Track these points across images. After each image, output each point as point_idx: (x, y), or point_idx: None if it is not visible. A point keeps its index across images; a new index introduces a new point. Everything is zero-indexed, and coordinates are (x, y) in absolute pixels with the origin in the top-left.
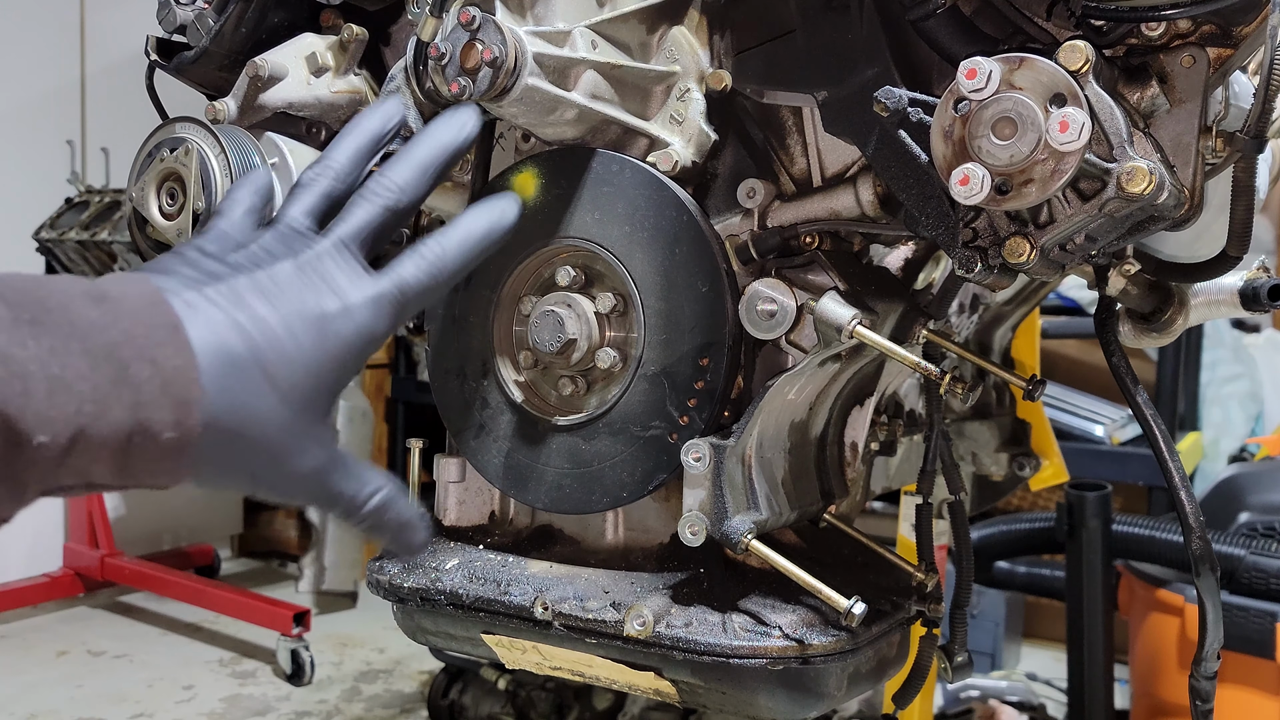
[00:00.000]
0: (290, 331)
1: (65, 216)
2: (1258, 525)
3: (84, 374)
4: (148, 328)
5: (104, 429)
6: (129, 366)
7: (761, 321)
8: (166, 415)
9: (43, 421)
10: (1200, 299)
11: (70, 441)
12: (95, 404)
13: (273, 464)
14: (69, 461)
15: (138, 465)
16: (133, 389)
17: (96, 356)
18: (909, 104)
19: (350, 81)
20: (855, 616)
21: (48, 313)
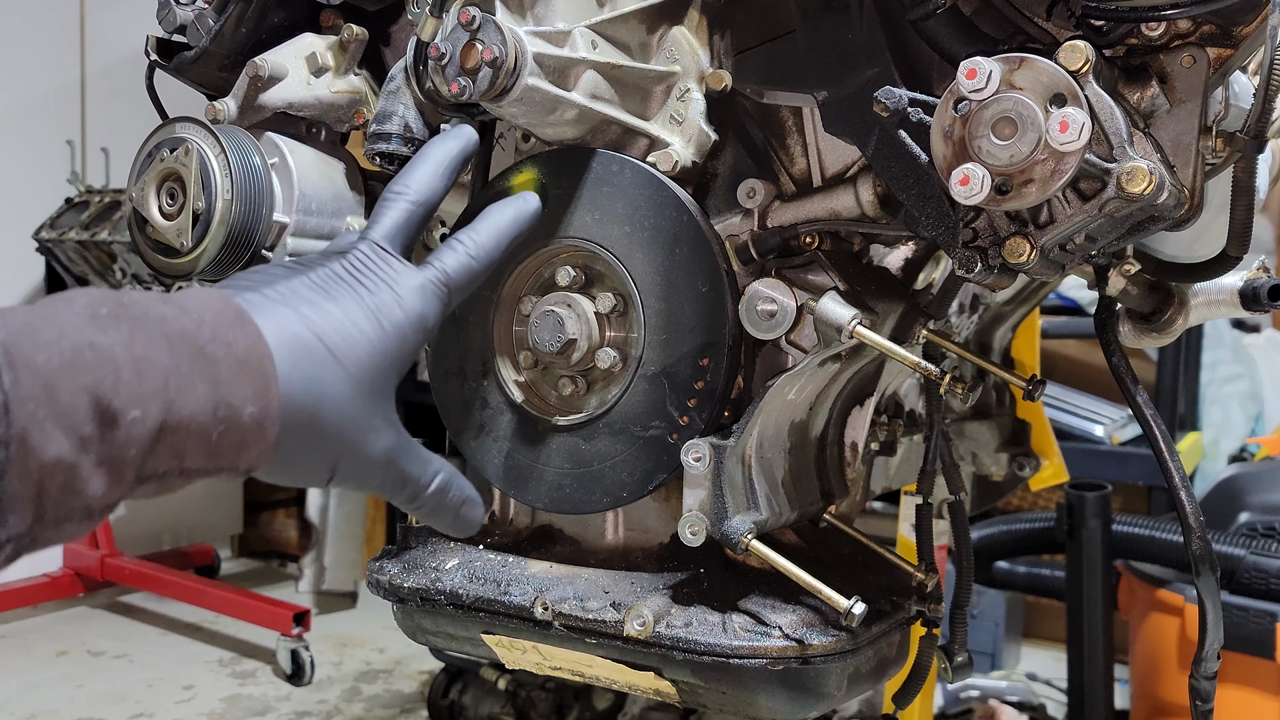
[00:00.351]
0: (350, 318)
1: (65, 216)
2: (1258, 525)
3: (165, 354)
4: (217, 316)
5: (190, 404)
6: (205, 348)
7: (761, 321)
8: (246, 390)
9: (133, 398)
10: (1200, 299)
11: (161, 418)
12: (179, 378)
13: (350, 445)
14: (163, 441)
15: (226, 444)
16: (211, 365)
17: (173, 340)
18: (909, 104)
19: (350, 81)
20: (855, 616)
21: (123, 308)
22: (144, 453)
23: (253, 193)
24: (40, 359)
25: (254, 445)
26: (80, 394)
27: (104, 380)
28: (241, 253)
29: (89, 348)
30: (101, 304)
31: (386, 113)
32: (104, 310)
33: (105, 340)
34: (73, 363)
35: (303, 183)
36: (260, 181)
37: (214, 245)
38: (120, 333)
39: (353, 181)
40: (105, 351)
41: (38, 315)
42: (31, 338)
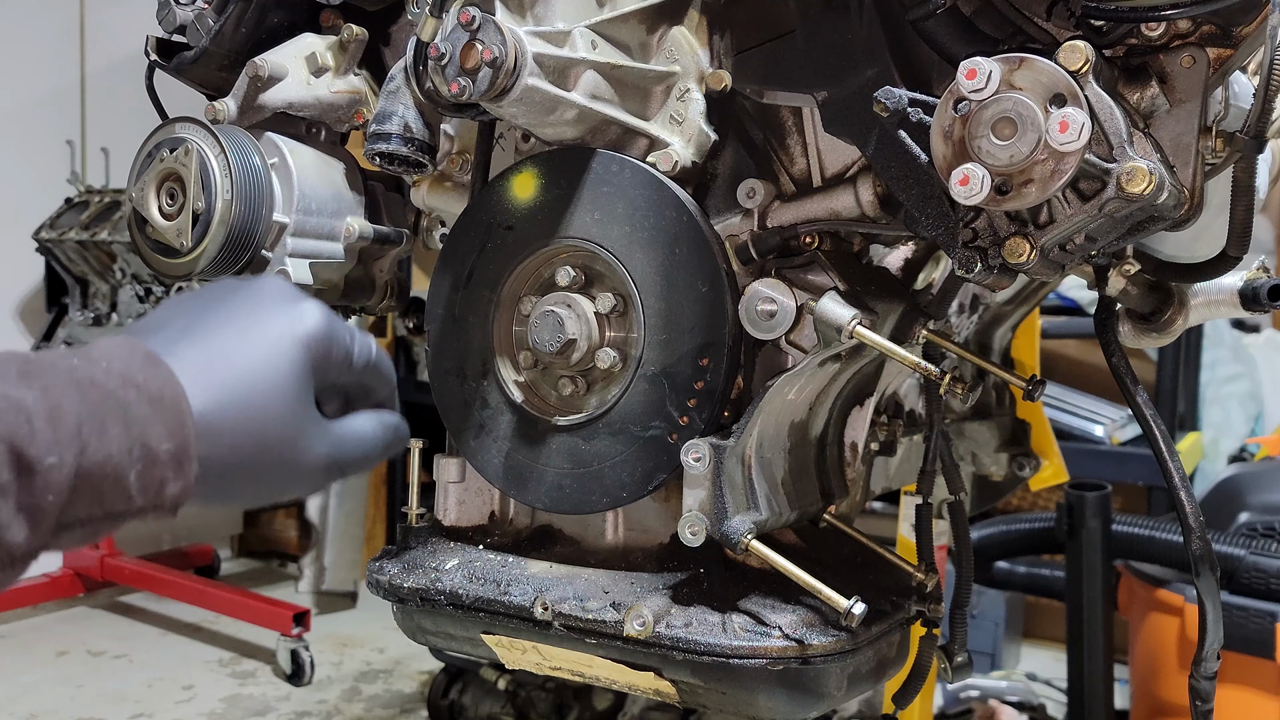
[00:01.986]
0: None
1: (65, 216)
2: (1258, 525)
3: (76, 401)
4: (127, 361)
5: (105, 447)
6: (115, 391)
7: (761, 321)
8: (160, 428)
9: (47, 445)
10: (1200, 299)
11: (76, 463)
12: (92, 424)
13: (284, 460)
14: (81, 486)
15: (147, 483)
16: (123, 407)
17: (83, 386)
18: (909, 104)
19: (350, 81)
20: (855, 616)
21: (33, 364)
22: (63, 499)
23: (253, 193)
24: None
25: (175, 480)
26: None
27: (18, 430)
28: (241, 253)
29: (2, 399)
30: (11, 364)
31: (386, 113)
32: (14, 369)
33: (18, 394)
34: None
35: (303, 183)
36: (260, 181)
37: (214, 245)
38: (33, 387)
39: (352, 181)
40: (18, 403)
41: None
42: None
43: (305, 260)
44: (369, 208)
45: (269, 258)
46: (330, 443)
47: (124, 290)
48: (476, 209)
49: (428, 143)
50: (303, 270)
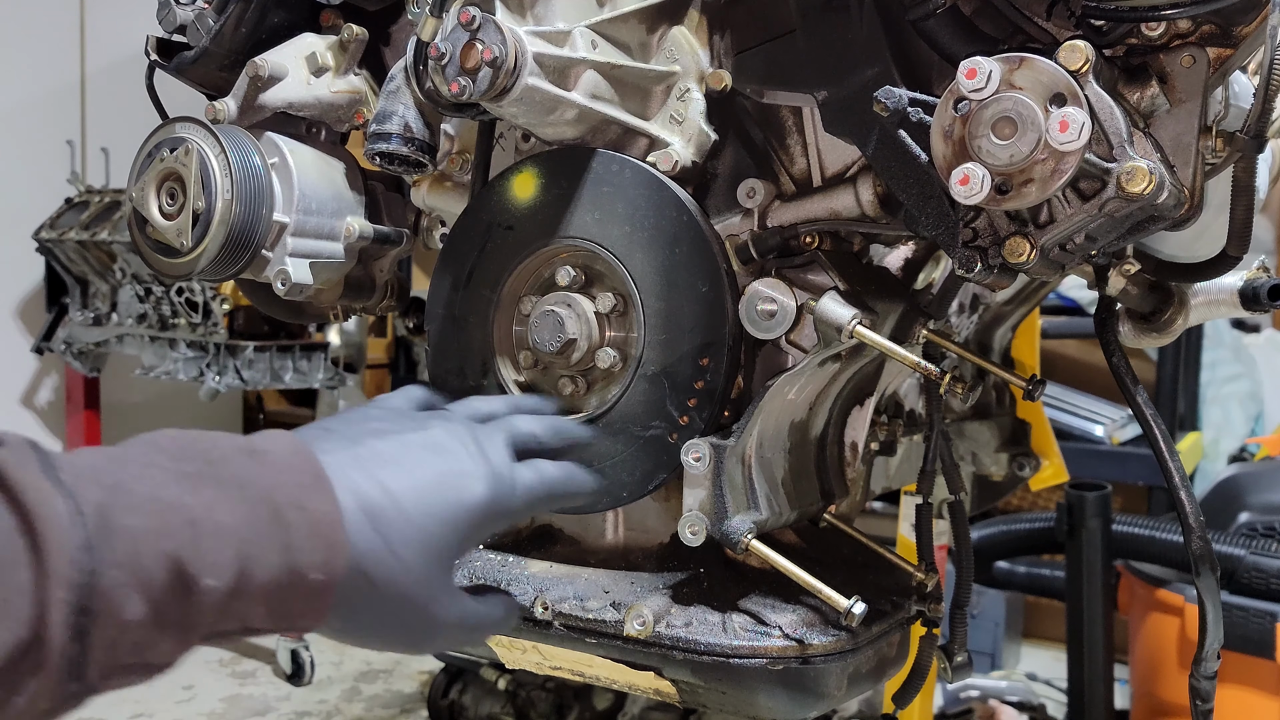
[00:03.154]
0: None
1: (65, 216)
2: (1258, 525)
3: (244, 520)
4: (296, 477)
5: (261, 572)
6: (282, 511)
7: (761, 321)
8: (315, 558)
9: (209, 566)
10: (1200, 299)
11: (233, 585)
12: (254, 547)
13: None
14: (231, 606)
15: (289, 607)
16: (284, 532)
17: (254, 504)
18: (909, 104)
19: (350, 81)
20: (855, 616)
21: (209, 465)
22: (214, 618)
23: (253, 193)
24: (130, 522)
25: (310, 614)
26: (163, 559)
27: (185, 547)
28: (241, 253)
29: (174, 511)
30: (187, 459)
31: (386, 113)
32: (190, 468)
33: (191, 502)
34: (160, 528)
35: (303, 183)
36: (260, 181)
37: (214, 245)
38: (205, 495)
39: (353, 181)
40: (189, 516)
41: (127, 470)
42: (124, 498)
43: (305, 260)
44: (369, 208)
45: (269, 257)
46: (459, 614)
47: (124, 290)
48: (476, 209)
49: (428, 143)
50: (303, 270)
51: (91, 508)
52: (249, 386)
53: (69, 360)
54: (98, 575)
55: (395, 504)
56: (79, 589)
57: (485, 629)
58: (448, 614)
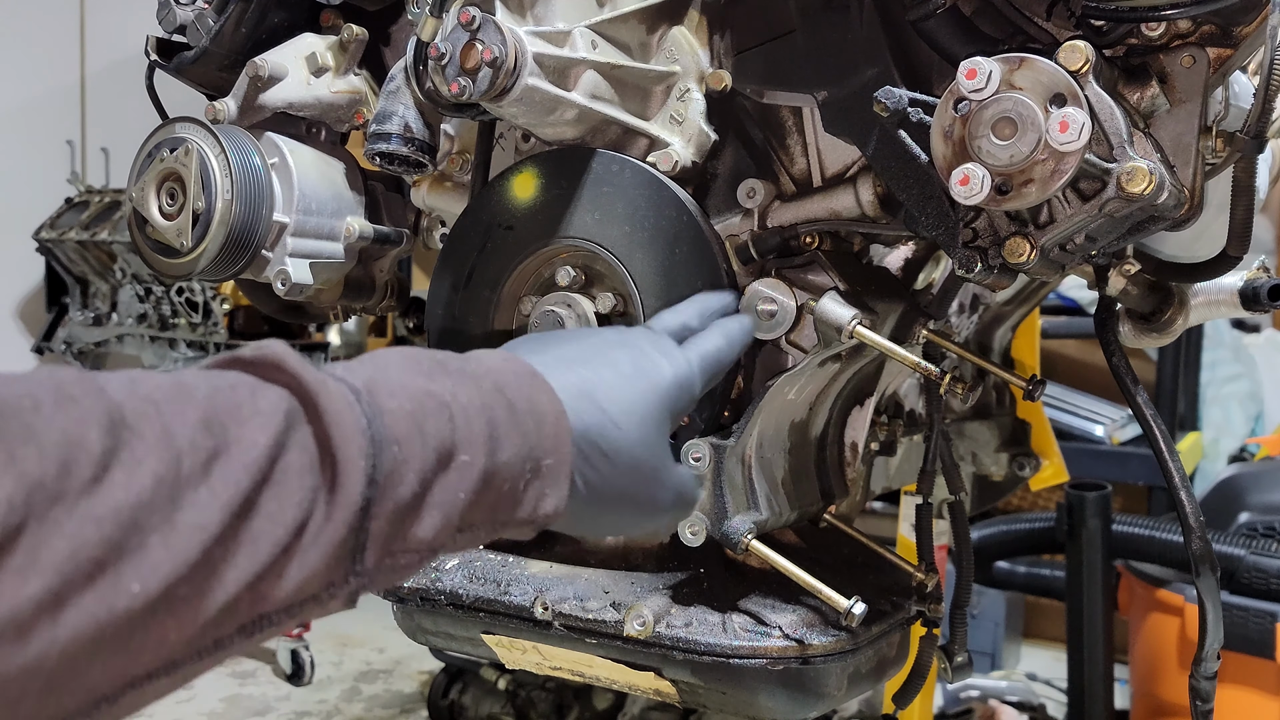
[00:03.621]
0: (622, 377)
1: (65, 216)
2: (1258, 525)
3: (484, 405)
4: (516, 375)
5: (506, 453)
6: (514, 402)
7: (761, 321)
8: (547, 443)
9: (465, 442)
10: (1200, 299)
11: (485, 463)
12: (499, 428)
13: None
14: (484, 487)
15: (530, 494)
16: (520, 418)
17: (489, 393)
18: (909, 104)
19: (350, 81)
20: (855, 616)
21: (439, 363)
22: (470, 498)
23: (253, 193)
24: (392, 404)
25: (552, 495)
26: (427, 437)
27: (443, 425)
28: (241, 253)
29: (426, 395)
30: (418, 359)
31: (386, 113)
32: (425, 365)
33: (437, 388)
34: (418, 408)
35: (303, 183)
36: (260, 181)
37: (214, 245)
38: (447, 382)
39: (353, 181)
40: (440, 397)
41: (374, 365)
42: (382, 385)
43: (305, 260)
44: (369, 208)
45: (269, 257)
46: (679, 481)
47: (124, 290)
48: (476, 209)
49: (428, 143)
50: (303, 270)
51: (362, 390)
52: None
53: (69, 360)
54: (378, 452)
55: (605, 387)
56: (366, 467)
57: (697, 496)
58: (673, 478)
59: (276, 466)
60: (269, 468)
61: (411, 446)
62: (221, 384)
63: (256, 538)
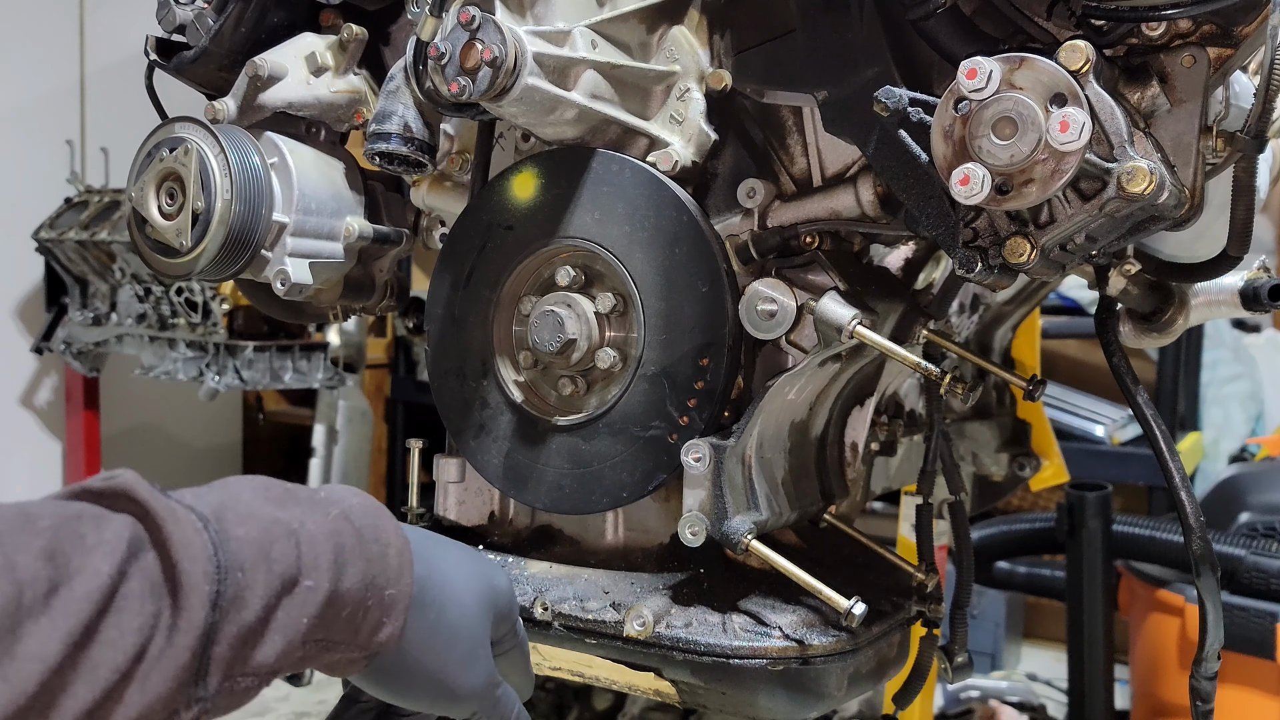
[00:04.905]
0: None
1: (65, 216)
2: (1258, 525)
3: (331, 533)
4: (363, 506)
5: (350, 579)
6: (362, 530)
7: (761, 321)
8: (390, 572)
9: (309, 568)
10: (1200, 299)
11: (329, 589)
12: (344, 555)
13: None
14: (325, 610)
15: (368, 621)
16: (365, 546)
17: (337, 520)
18: (909, 104)
19: (350, 81)
20: (855, 617)
21: (289, 492)
22: (313, 621)
23: (252, 192)
24: (239, 531)
25: (390, 624)
26: (272, 563)
27: (289, 551)
28: (241, 252)
29: (274, 522)
30: (270, 487)
31: (386, 112)
32: (274, 494)
33: (285, 515)
34: (265, 535)
35: (302, 182)
36: (260, 181)
37: (213, 245)
38: (296, 510)
39: (352, 181)
40: (288, 525)
41: (225, 493)
42: (231, 513)
43: (305, 260)
44: (369, 207)
45: (268, 257)
46: (488, 674)
47: (123, 290)
48: (476, 209)
49: (427, 142)
50: (302, 270)
51: (211, 517)
52: (248, 386)
53: (68, 360)
54: (224, 577)
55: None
56: (210, 591)
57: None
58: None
59: (118, 593)
60: (110, 595)
61: (256, 572)
62: (68, 513)
63: (96, 665)
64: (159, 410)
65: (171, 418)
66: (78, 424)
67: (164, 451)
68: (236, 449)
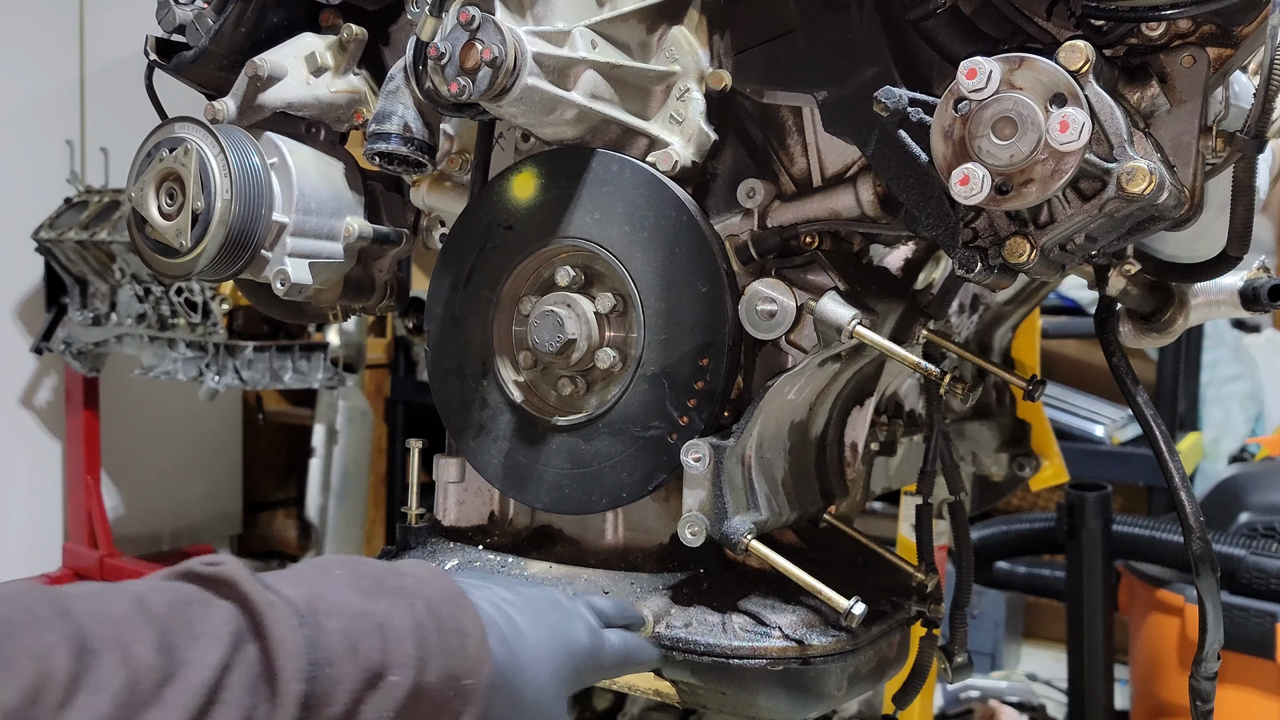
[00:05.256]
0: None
1: (64, 216)
2: (1258, 525)
3: (415, 626)
4: (445, 594)
5: (432, 672)
6: (444, 622)
7: (761, 321)
8: (468, 664)
9: (395, 664)
10: (1200, 299)
11: (412, 682)
12: (426, 650)
13: None
14: (406, 702)
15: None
16: (447, 638)
17: (421, 614)
18: (909, 104)
19: (349, 81)
20: (855, 617)
21: (376, 580)
22: (393, 715)
23: (252, 193)
24: (331, 625)
25: (465, 716)
26: (361, 659)
27: (375, 646)
28: (241, 252)
29: (363, 615)
30: (358, 574)
31: (386, 112)
32: (363, 583)
33: (374, 609)
34: (355, 629)
35: (302, 182)
36: (259, 181)
37: (213, 245)
38: (383, 602)
39: (352, 181)
40: (375, 618)
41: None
42: (323, 605)
43: (305, 260)
44: (369, 208)
45: (268, 257)
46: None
47: (123, 290)
48: (476, 209)
49: (427, 142)
50: (302, 270)
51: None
52: (248, 386)
53: (68, 360)
54: (316, 674)
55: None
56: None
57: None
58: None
59: (222, 685)
60: (215, 688)
61: (345, 667)
62: (177, 599)
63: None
64: (159, 410)
65: (171, 418)
66: (78, 424)
67: (164, 451)
68: (236, 449)
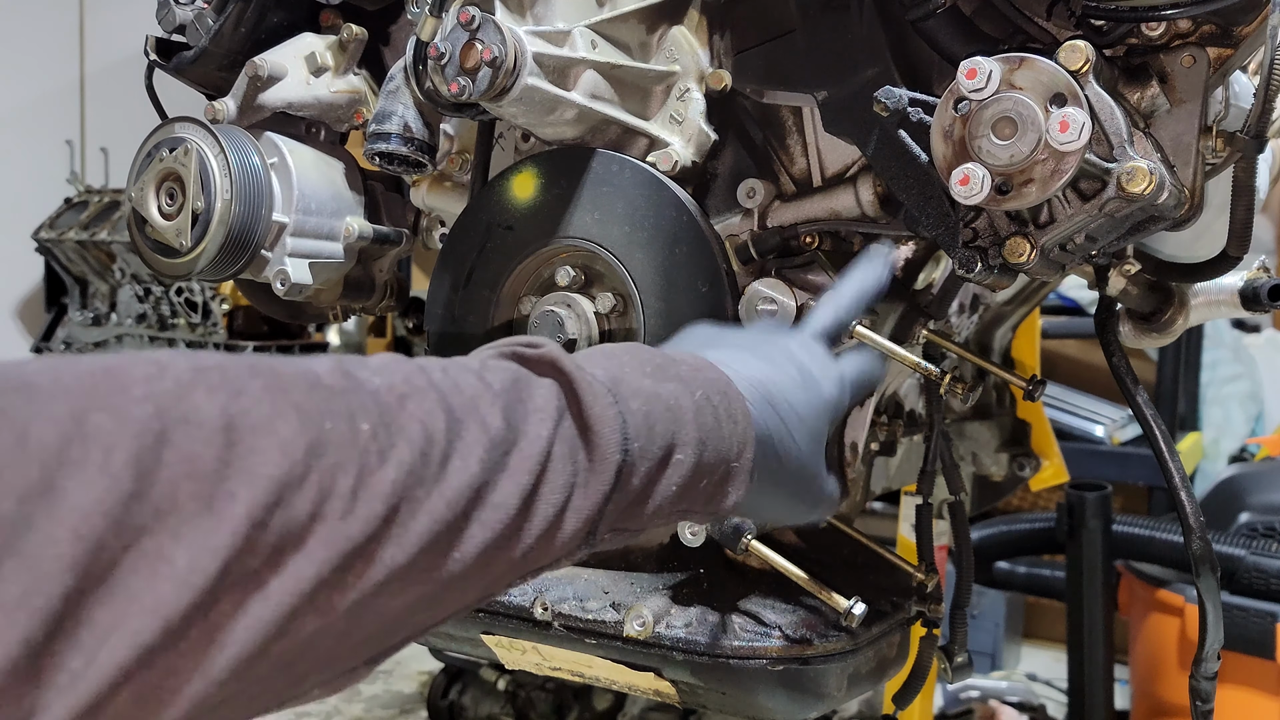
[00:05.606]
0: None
1: (64, 216)
2: (1258, 525)
3: (695, 408)
4: (716, 383)
5: (710, 453)
6: (719, 410)
7: (761, 321)
8: (737, 447)
9: (682, 443)
10: (1200, 299)
11: (694, 461)
12: (707, 430)
13: (804, 484)
14: (687, 480)
15: (718, 489)
16: (722, 425)
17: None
18: (909, 104)
19: (349, 81)
20: (855, 617)
21: (660, 368)
22: (678, 491)
23: (252, 193)
24: (633, 405)
25: (734, 492)
26: (654, 437)
27: (668, 426)
28: (241, 253)
29: (655, 397)
30: (643, 361)
31: (386, 112)
32: (649, 368)
33: (663, 392)
34: (651, 410)
35: (302, 183)
36: (259, 181)
37: (213, 245)
38: (670, 386)
39: (352, 181)
40: (666, 401)
41: (612, 364)
42: (625, 387)
43: (305, 260)
44: (369, 208)
45: (268, 257)
46: (829, 488)
47: (123, 290)
48: (476, 209)
49: (427, 143)
50: (302, 270)
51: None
52: None
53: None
54: (629, 445)
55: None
56: (618, 460)
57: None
58: (825, 486)
59: (551, 455)
60: (547, 458)
61: (644, 445)
62: (507, 379)
63: (535, 517)
64: None
65: None
66: None
67: None
68: None
